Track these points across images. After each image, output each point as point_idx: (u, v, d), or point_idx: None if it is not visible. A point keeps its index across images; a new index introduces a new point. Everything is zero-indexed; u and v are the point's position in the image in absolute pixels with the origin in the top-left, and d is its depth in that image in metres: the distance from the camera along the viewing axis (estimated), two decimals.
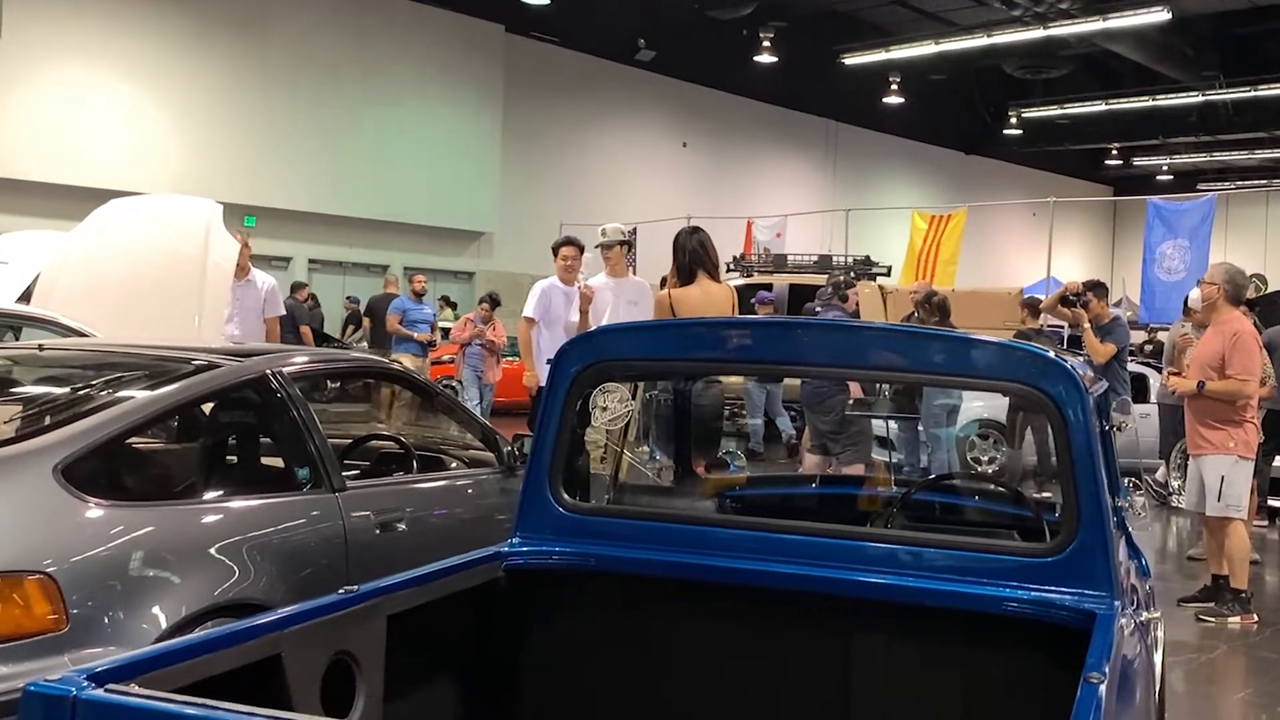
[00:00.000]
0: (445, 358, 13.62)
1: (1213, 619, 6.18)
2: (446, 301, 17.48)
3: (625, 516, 2.87)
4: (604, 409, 2.88)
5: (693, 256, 5.62)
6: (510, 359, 13.29)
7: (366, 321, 14.59)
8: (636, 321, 3.40)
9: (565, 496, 2.81)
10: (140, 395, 3.30)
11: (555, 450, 2.80)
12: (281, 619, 2.04)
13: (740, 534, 2.74)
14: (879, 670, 2.62)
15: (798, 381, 9.68)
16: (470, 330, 12.52)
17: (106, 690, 1.59)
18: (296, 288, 14.77)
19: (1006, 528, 3.07)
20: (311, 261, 18.19)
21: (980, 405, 10.54)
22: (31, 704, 1.59)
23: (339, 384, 5.58)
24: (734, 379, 9.24)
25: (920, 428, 9.28)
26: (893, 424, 8.88)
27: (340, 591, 2.24)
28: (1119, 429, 3.94)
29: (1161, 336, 18.01)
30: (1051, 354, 2.55)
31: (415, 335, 12.14)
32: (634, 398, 2.89)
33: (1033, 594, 2.47)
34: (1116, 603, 2.41)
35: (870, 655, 2.63)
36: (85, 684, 1.59)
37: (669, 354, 2.85)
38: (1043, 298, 10.90)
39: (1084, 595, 2.43)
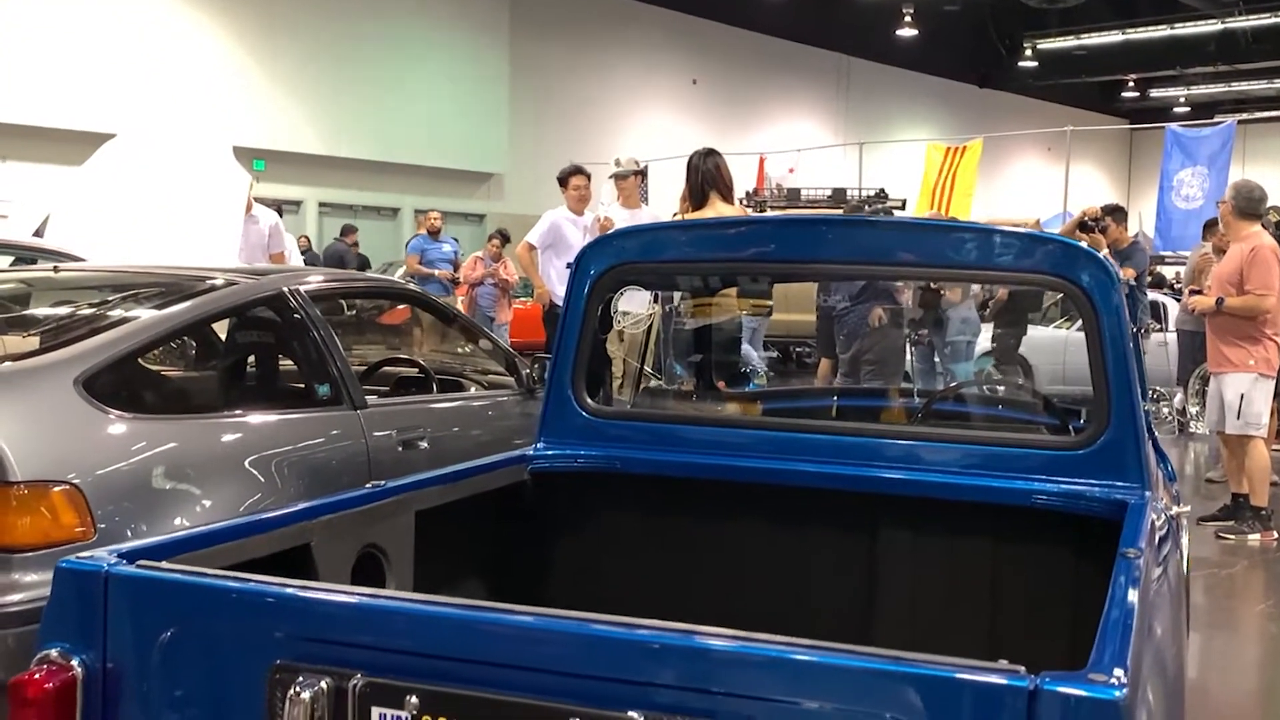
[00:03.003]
0: (458, 300, 13.56)
1: (1233, 536, 6.19)
2: None
3: (649, 420, 2.86)
4: (625, 313, 2.85)
5: (706, 178, 5.55)
6: (523, 300, 13.21)
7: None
8: (656, 223, 3.35)
9: (589, 401, 2.79)
10: (159, 311, 3.29)
11: (578, 355, 2.78)
12: (310, 509, 2.03)
13: (765, 434, 2.72)
14: (906, 566, 2.61)
15: (811, 317, 9.63)
16: (481, 269, 12.43)
17: (138, 566, 1.58)
18: (347, 230, 14.63)
19: (1033, 426, 3.05)
20: (321, 205, 18.12)
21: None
22: (64, 580, 1.59)
23: (355, 313, 5.56)
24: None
25: (936, 359, 9.25)
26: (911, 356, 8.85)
27: (368, 486, 2.24)
28: (1146, 333, 3.89)
29: (1163, 269, 17.83)
30: (1082, 243, 2.51)
31: (436, 273, 12.04)
32: (655, 301, 2.85)
33: (1063, 486, 2.45)
34: (1148, 493, 2.39)
35: (897, 551, 2.62)
36: (117, 561, 1.59)
37: (690, 255, 2.81)
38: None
39: (1115, 487, 2.41)
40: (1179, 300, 10.10)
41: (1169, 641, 1.91)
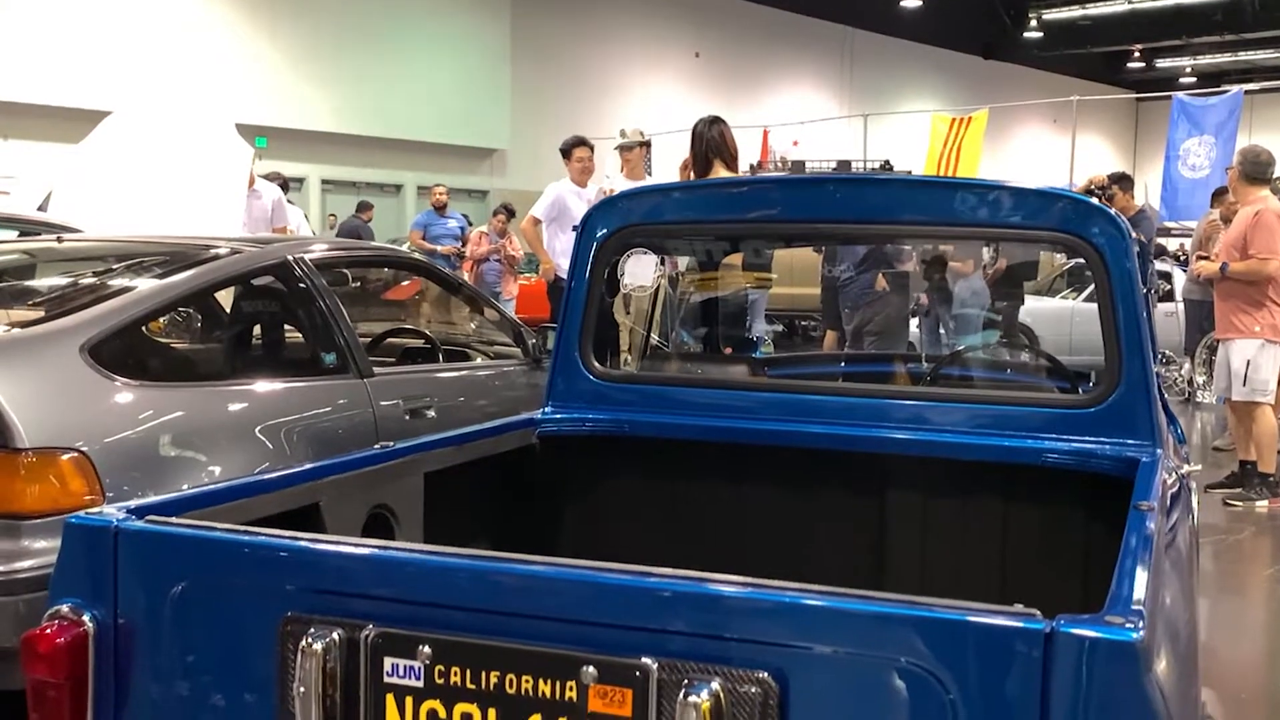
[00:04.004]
0: (465, 275, 13.47)
1: (1240, 504, 6.18)
2: None
3: (657, 383, 2.85)
4: (634, 260, 2.84)
5: (711, 145, 5.50)
6: (528, 275, 13.16)
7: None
8: (664, 183, 3.33)
9: (596, 365, 2.78)
10: (164, 279, 3.28)
11: (585, 319, 2.76)
12: (319, 468, 2.03)
13: (773, 397, 2.71)
14: (915, 526, 2.61)
15: (816, 290, 9.60)
16: (486, 245, 12.36)
17: (148, 521, 1.58)
18: (363, 207, 14.56)
19: (1043, 387, 3.04)
20: (325, 182, 18.06)
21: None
22: (73, 536, 1.58)
23: (360, 284, 5.55)
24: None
25: (940, 331, 9.22)
26: (917, 328, 8.84)
27: (376, 447, 2.24)
28: (1157, 294, 3.87)
29: (1164, 241, 17.73)
30: (1093, 200, 2.49)
31: (440, 249, 11.98)
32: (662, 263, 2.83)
33: (1074, 445, 2.43)
34: (1159, 451, 2.38)
35: (906, 512, 2.61)
36: (126, 516, 1.58)
37: (698, 217, 2.79)
38: None
39: (1126, 445, 2.40)
40: (1185, 270, 10.07)
41: (1182, 593, 1.90)
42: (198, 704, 1.52)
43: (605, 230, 2.73)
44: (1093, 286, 2.50)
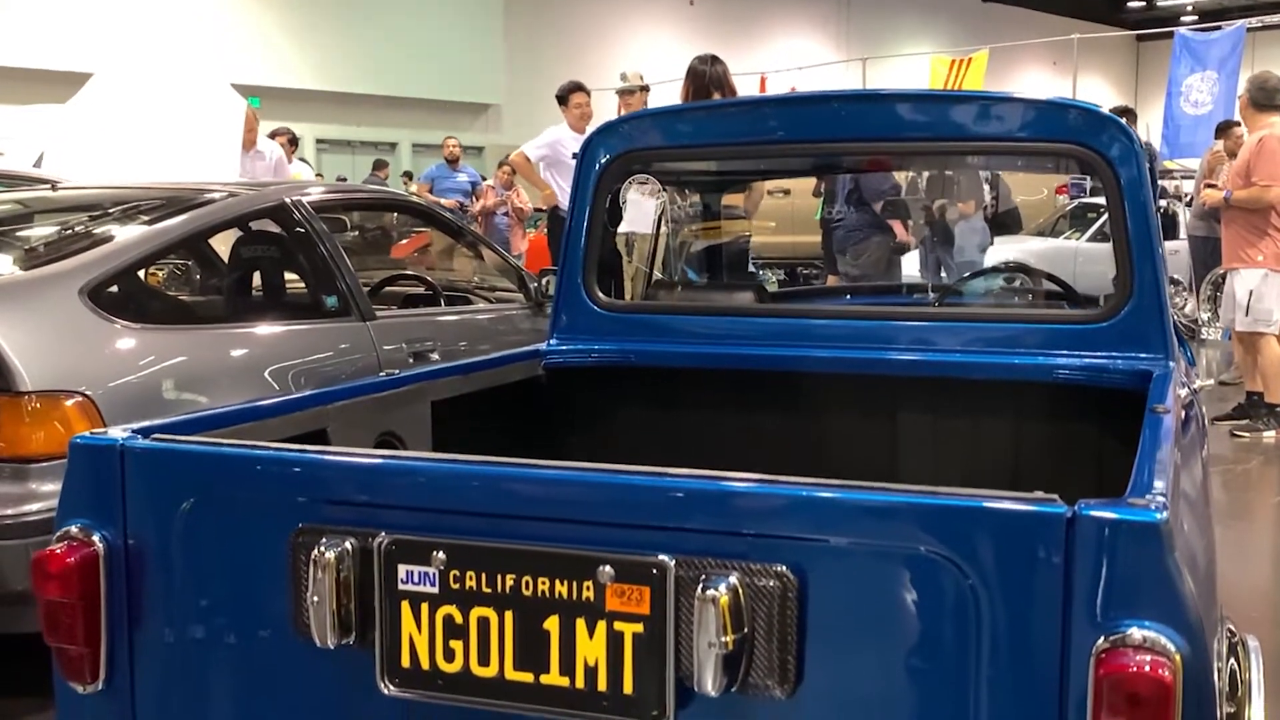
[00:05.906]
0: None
1: (1248, 434, 6.18)
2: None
3: (662, 312, 2.82)
4: (635, 203, 2.79)
5: (713, 81, 5.38)
6: (531, 230, 13.08)
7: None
8: (666, 106, 3.25)
9: (600, 296, 2.75)
10: (161, 223, 3.25)
11: (588, 249, 2.73)
12: (325, 394, 2.01)
13: (780, 322, 2.68)
14: (927, 448, 2.59)
15: (817, 238, 9.54)
16: (493, 198, 12.24)
17: (154, 439, 1.56)
18: (378, 165, 14.47)
19: (1053, 304, 3.02)
20: (319, 141, 17.91)
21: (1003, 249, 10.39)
22: (79, 456, 1.56)
23: (359, 233, 5.51)
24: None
25: (943, 275, 9.17)
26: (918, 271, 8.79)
27: (382, 375, 2.22)
28: (1166, 213, 3.83)
29: (1163, 184, 17.57)
30: (1103, 109, 2.44)
31: (444, 202, 11.88)
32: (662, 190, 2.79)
33: (1086, 360, 2.41)
34: (1172, 364, 2.35)
35: (917, 433, 2.60)
36: (132, 435, 1.56)
37: (702, 140, 2.73)
38: None
39: (1138, 359, 2.37)
40: (1189, 207, 10.00)
41: (1199, 492, 1.89)
42: (212, 619, 1.51)
43: (607, 156, 2.69)
44: (1095, 226, 2.47)
